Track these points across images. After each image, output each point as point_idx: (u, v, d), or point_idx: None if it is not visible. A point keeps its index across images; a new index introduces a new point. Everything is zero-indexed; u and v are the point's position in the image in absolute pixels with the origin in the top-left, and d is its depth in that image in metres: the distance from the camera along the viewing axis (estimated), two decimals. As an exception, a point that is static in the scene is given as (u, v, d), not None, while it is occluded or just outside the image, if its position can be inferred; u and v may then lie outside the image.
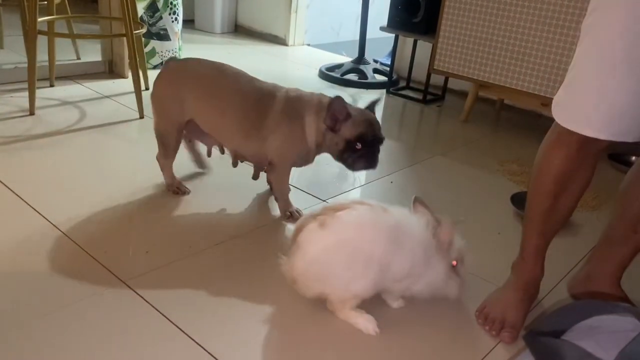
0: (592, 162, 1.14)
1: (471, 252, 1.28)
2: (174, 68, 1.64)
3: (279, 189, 1.66)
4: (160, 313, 1.20)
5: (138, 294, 1.26)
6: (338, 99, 1.48)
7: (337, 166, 1.61)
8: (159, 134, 1.69)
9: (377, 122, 1.55)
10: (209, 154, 1.82)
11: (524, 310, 1.27)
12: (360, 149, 1.50)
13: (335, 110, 1.49)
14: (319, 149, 1.58)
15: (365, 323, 1.23)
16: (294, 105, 1.54)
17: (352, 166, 1.54)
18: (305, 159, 1.62)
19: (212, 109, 1.59)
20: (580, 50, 1.04)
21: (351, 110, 1.51)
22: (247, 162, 1.72)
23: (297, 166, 1.65)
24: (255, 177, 1.72)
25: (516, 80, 2.47)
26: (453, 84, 3.21)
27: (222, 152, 1.77)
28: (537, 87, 2.41)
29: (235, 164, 1.71)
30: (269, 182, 1.77)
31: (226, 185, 1.85)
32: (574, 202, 1.18)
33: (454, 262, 1.24)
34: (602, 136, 1.02)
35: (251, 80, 1.63)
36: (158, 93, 1.64)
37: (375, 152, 1.54)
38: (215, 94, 1.58)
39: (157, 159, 1.75)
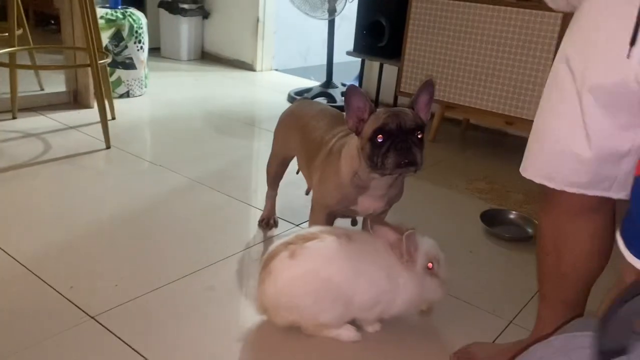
0: (583, 223, 1.01)
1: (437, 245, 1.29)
2: (290, 111, 1.67)
3: None
4: (132, 349, 1.17)
5: (108, 330, 1.22)
6: (353, 89, 1.26)
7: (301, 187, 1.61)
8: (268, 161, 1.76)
9: (409, 113, 1.28)
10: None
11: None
12: (383, 142, 1.23)
13: (352, 103, 1.26)
14: (357, 183, 1.34)
15: (346, 333, 1.25)
16: (339, 143, 1.41)
17: (384, 167, 1.24)
18: (344, 201, 1.39)
19: (299, 148, 1.57)
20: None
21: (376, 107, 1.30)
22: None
23: (337, 212, 1.46)
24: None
25: (480, 100, 2.53)
26: (420, 105, 3.26)
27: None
28: (500, 107, 2.47)
29: None
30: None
31: (196, 214, 1.82)
32: (578, 263, 1.04)
33: (430, 265, 1.23)
34: (537, 179, 0.98)
35: (336, 120, 1.51)
36: (275, 133, 1.70)
37: (407, 143, 1.24)
38: (303, 132, 1.55)
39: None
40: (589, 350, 0.49)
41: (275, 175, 1.74)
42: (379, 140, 1.23)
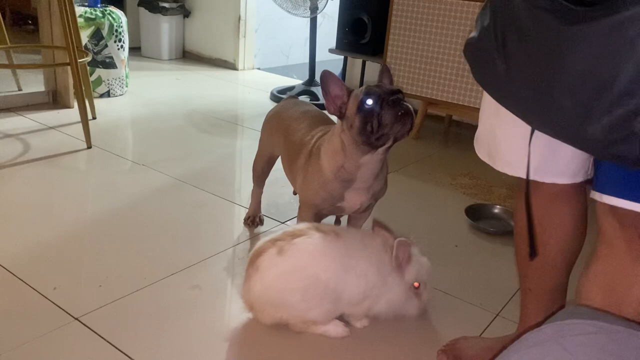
0: (564, 206, 1.02)
1: (431, 266, 1.30)
2: (275, 112, 1.66)
3: None
4: (118, 349, 1.15)
5: (93, 331, 1.20)
6: (327, 75, 1.25)
7: (289, 185, 1.60)
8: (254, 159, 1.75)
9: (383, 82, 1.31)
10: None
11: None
12: (374, 105, 1.21)
13: (329, 89, 1.26)
14: (344, 176, 1.33)
15: (335, 328, 1.25)
16: (318, 143, 1.41)
17: (381, 126, 1.22)
18: (330, 199, 1.38)
19: (282, 149, 1.57)
20: None
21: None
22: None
23: (325, 210, 1.44)
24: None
25: (463, 97, 2.55)
26: (402, 102, 3.27)
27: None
28: (483, 103, 2.48)
29: None
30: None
31: (180, 213, 1.81)
32: (563, 247, 1.05)
33: (417, 284, 1.25)
34: (492, 165, 1.03)
35: (317, 122, 1.52)
36: (261, 132, 1.70)
37: (398, 101, 1.23)
38: (285, 134, 1.55)
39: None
40: (582, 337, 0.50)
41: (261, 172, 1.74)
42: (369, 104, 1.22)
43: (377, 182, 1.38)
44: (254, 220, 1.76)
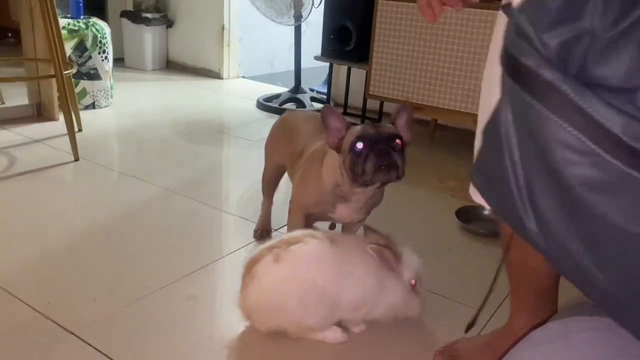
0: None
1: (425, 268, 1.31)
2: (282, 118, 1.68)
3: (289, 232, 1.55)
4: (115, 362, 1.15)
5: (89, 345, 1.19)
6: (327, 108, 1.27)
7: (283, 193, 1.60)
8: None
9: (387, 124, 1.30)
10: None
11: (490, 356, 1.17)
12: (362, 150, 1.22)
13: (329, 123, 1.26)
14: (339, 192, 1.35)
15: (333, 334, 1.25)
16: (322, 149, 1.40)
17: (365, 173, 1.23)
18: (321, 206, 1.40)
19: (287, 152, 1.56)
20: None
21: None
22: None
23: (315, 214, 1.47)
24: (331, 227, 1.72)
25: (448, 101, 2.57)
26: (388, 107, 3.29)
27: None
28: (467, 106, 2.51)
29: None
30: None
31: (170, 223, 1.80)
32: (542, 260, 1.00)
33: (413, 282, 1.26)
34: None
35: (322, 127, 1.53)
36: (267, 141, 1.70)
37: (386, 147, 1.23)
38: (290, 136, 1.55)
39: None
40: (588, 334, 0.51)
41: (268, 182, 1.72)
42: (358, 148, 1.23)
43: (372, 201, 1.41)
44: (262, 233, 1.72)
